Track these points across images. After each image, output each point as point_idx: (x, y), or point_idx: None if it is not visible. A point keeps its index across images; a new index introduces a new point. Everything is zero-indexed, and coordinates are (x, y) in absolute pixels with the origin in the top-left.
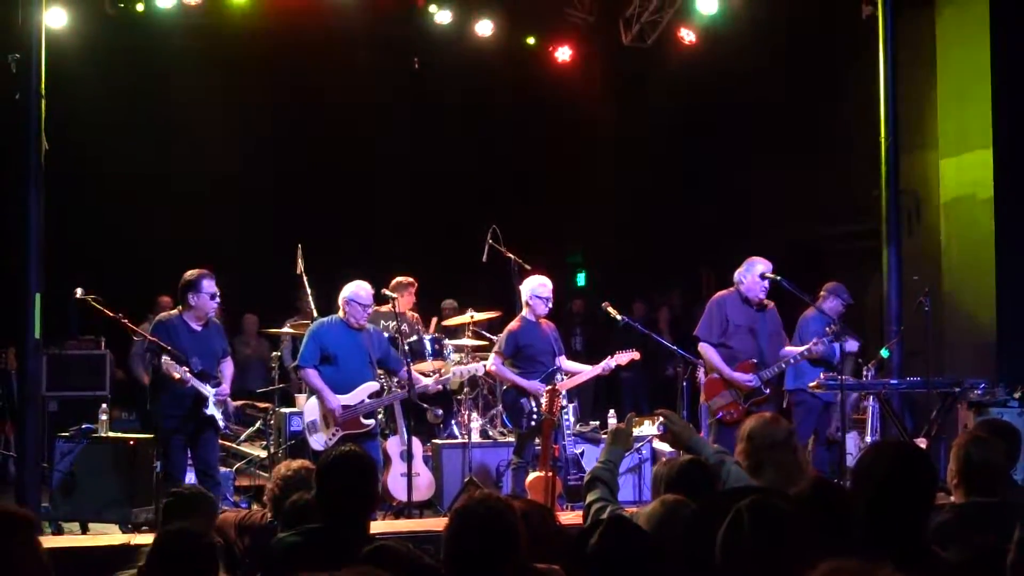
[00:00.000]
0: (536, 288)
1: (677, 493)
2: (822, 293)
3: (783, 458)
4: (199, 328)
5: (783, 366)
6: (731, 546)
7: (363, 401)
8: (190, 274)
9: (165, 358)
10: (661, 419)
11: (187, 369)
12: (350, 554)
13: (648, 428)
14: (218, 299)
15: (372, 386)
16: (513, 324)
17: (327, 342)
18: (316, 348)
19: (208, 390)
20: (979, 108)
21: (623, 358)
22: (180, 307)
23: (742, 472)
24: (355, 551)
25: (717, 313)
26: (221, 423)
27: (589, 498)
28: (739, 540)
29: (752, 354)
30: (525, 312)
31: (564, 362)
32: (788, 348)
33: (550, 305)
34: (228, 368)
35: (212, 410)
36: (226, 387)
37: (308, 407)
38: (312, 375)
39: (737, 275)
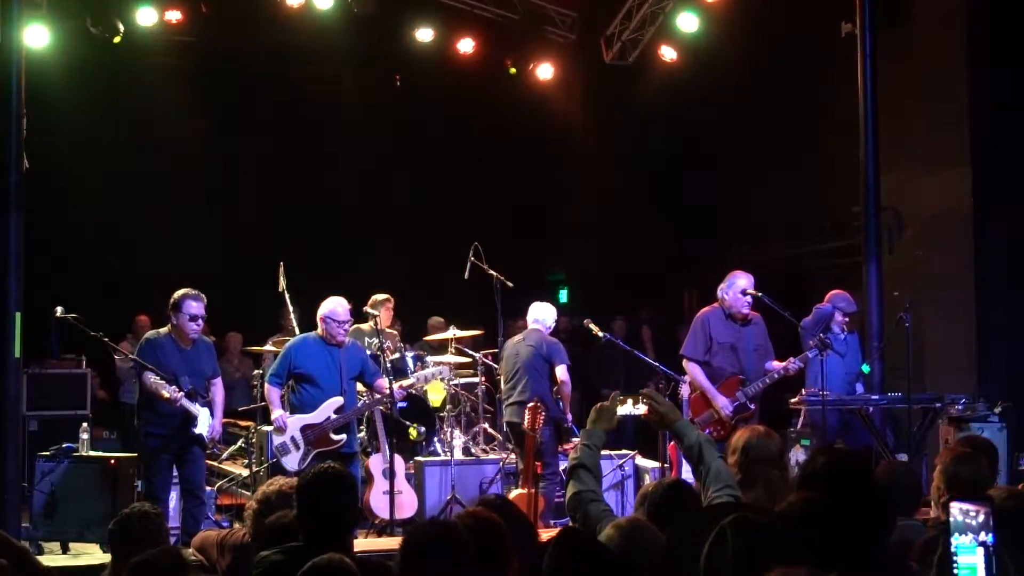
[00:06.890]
0: None
1: (661, 513)
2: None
3: (772, 474)
4: (187, 346)
5: (767, 381)
6: (714, 564)
7: (329, 418)
8: (176, 294)
9: (154, 377)
10: (645, 400)
11: (176, 388)
12: None
13: (630, 408)
14: (200, 322)
15: (336, 401)
16: None
17: (300, 360)
18: (285, 366)
19: (197, 409)
20: (958, 125)
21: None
22: (169, 325)
23: (723, 467)
24: None
25: (701, 331)
26: (208, 441)
27: (571, 490)
28: (723, 558)
29: (735, 370)
30: None
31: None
32: (773, 363)
33: None
34: (219, 393)
35: (201, 428)
36: (218, 425)
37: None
38: (270, 391)
39: (720, 291)
